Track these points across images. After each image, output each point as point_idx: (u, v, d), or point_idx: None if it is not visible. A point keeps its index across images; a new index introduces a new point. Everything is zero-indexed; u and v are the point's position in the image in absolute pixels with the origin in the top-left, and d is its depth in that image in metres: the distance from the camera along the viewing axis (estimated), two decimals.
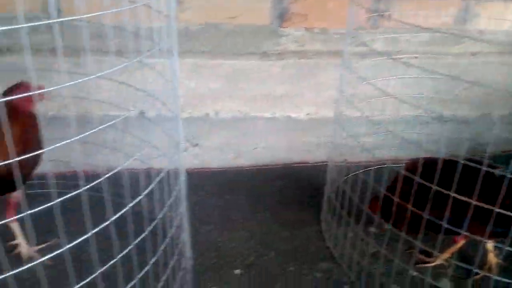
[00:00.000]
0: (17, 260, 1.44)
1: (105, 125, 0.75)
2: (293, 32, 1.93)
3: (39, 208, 0.71)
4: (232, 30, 1.86)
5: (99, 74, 0.70)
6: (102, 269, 0.87)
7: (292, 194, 1.97)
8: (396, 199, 1.25)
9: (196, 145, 2.03)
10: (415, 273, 1.38)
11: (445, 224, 1.15)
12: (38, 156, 1.27)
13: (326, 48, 1.99)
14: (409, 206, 1.21)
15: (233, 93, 1.97)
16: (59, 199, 0.73)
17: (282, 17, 1.88)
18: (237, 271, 1.50)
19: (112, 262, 0.90)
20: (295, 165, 2.21)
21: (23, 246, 1.47)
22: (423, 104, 2.05)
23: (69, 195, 0.77)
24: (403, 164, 1.41)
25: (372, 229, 1.62)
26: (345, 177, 1.69)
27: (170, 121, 1.11)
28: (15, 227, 1.47)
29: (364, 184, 1.41)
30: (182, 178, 1.19)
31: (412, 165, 1.34)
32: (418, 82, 1.86)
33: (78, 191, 0.76)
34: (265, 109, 2.04)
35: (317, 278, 1.48)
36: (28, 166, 1.31)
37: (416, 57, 2.07)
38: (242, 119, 2.04)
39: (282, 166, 2.19)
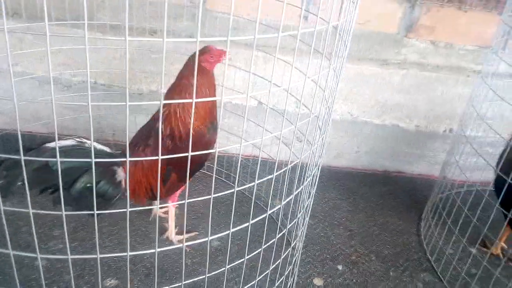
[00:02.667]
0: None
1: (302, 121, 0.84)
2: (417, 43, 1.95)
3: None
4: (360, 35, 1.91)
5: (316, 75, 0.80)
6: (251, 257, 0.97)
7: (390, 201, 2.00)
8: None
9: (301, 141, 2.11)
10: None
11: None
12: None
13: (448, 63, 1.98)
14: None
15: (348, 96, 2.02)
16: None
17: (410, 27, 1.90)
18: (340, 267, 1.57)
19: (246, 257, 0.98)
20: (393, 173, 2.23)
21: (171, 231, 1.55)
22: None
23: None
24: None
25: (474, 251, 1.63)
26: (448, 193, 1.69)
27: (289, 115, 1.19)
28: (172, 212, 1.55)
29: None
30: (313, 172, 1.27)
31: None
32: None
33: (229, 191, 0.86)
34: (376, 115, 2.08)
35: None
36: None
37: None
38: (351, 122, 2.09)
39: (379, 173, 2.22)
